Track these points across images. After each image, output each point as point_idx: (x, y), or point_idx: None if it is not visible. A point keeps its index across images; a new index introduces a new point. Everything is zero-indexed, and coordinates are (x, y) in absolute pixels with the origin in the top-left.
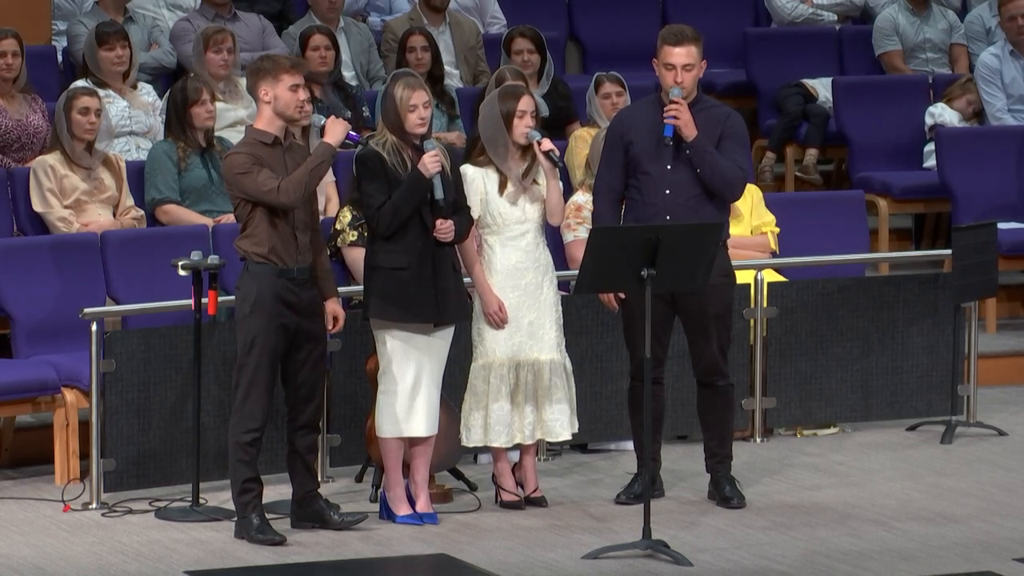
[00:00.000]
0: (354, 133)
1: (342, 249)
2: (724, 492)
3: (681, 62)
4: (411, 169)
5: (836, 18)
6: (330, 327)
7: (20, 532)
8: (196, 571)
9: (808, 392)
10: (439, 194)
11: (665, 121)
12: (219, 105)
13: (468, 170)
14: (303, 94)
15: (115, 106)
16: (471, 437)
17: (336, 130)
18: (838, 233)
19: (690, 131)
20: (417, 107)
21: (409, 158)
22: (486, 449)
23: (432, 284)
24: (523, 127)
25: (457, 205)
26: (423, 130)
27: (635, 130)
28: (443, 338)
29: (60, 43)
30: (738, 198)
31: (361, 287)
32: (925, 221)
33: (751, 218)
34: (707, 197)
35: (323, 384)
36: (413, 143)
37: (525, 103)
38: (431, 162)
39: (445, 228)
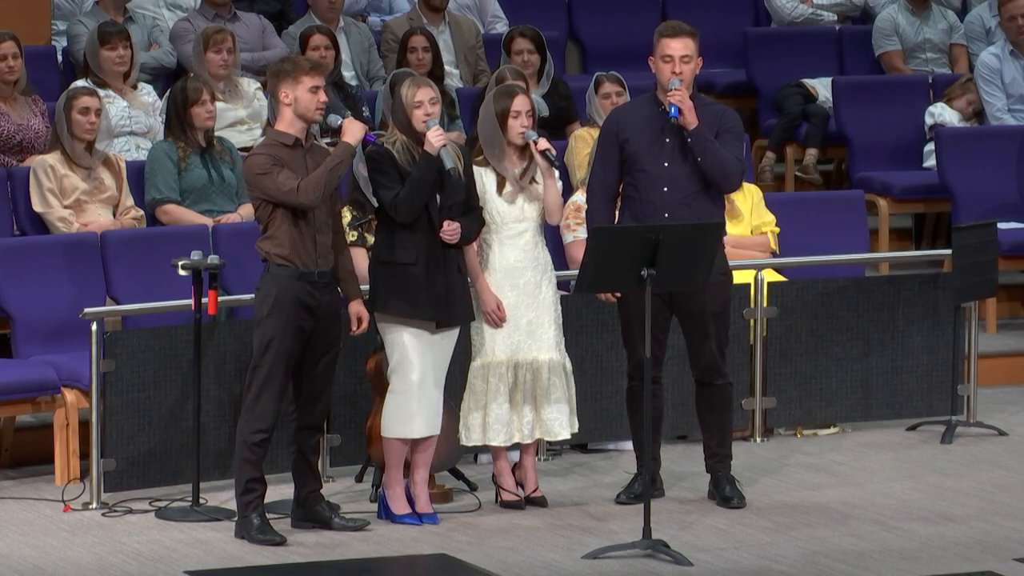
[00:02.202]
0: (371, 134)
1: None
2: (724, 492)
3: (679, 53)
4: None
5: (836, 18)
6: (354, 328)
7: (20, 532)
8: (196, 571)
9: (808, 392)
10: (449, 164)
11: (670, 101)
12: (219, 105)
13: None
14: (323, 96)
15: (115, 106)
16: (470, 437)
17: (354, 130)
18: (838, 233)
19: (692, 118)
20: (423, 103)
21: (419, 156)
22: (486, 448)
23: (438, 284)
24: (518, 127)
25: (468, 206)
26: None
27: (631, 127)
28: (448, 339)
29: (60, 43)
30: (735, 189)
31: (361, 286)
32: (925, 221)
33: (751, 218)
34: (704, 193)
35: (331, 386)
36: (422, 141)
37: (519, 103)
38: (435, 137)
39: (451, 229)
